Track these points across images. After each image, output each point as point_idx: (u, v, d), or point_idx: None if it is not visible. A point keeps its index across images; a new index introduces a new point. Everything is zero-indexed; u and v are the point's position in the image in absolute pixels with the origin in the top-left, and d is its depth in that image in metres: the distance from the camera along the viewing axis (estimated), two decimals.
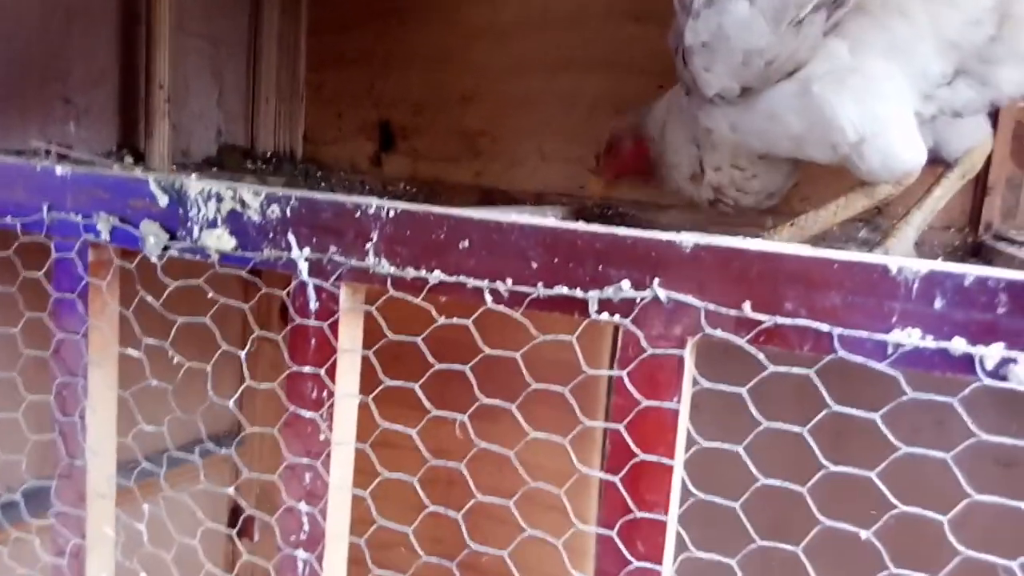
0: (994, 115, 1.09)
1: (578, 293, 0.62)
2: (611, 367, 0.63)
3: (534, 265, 0.63)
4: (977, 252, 1.11)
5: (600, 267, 0.61)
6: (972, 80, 0.88)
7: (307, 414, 0.73)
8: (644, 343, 0.60)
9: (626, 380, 0.61)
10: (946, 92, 0.89)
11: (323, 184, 1.53)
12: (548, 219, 0.65)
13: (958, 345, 0.51)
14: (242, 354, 0.78)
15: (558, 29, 1.38)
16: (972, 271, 0.51)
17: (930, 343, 0.52)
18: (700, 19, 0.96)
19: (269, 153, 1.59)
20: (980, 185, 1.13)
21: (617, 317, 0.61)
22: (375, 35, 1.52)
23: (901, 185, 0.91)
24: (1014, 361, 0.50)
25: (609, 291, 0.61)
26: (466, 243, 0.66)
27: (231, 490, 0.88)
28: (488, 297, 0.65)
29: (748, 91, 0.94)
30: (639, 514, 0.61)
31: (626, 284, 0.60)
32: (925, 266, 0.52)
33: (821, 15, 0.85)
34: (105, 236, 0.80)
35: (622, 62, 1.34)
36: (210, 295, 0.77)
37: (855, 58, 0.88)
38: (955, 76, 0.88)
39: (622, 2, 1.33)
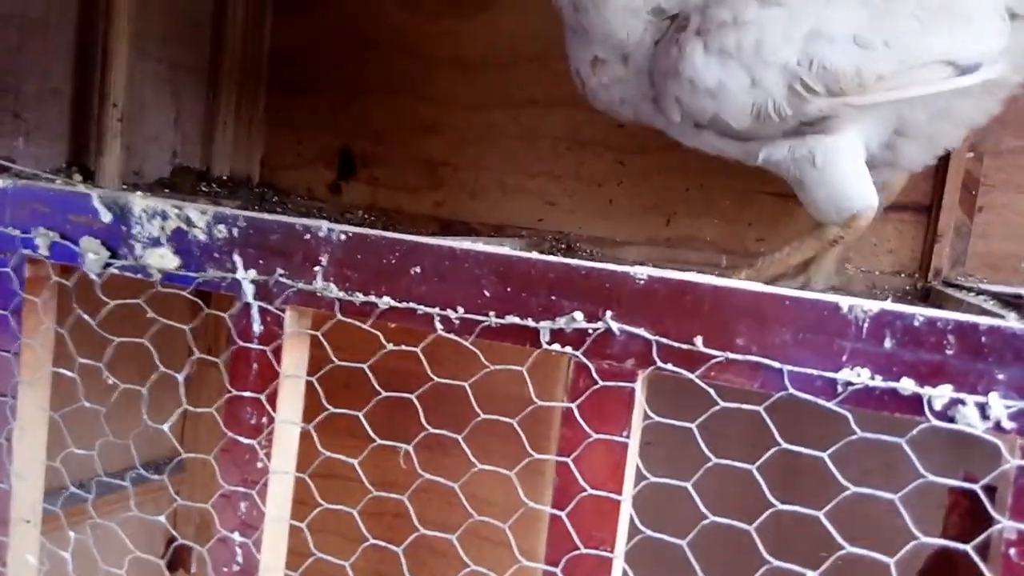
0: (944, 162, 1.11)
1: (530, 323, 0.61)
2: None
3: (486, 293, 0.62)
4: (926, 297, 1.13)
5: (553, 297, 0.60)
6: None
7: (245, 440, 0.71)
8: (595, 375, 0.59)
9: (576, 412, 0.60)
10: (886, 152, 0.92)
11: (279, 209, 1.51)
12: (502, 248, 0.64)
13: (907, 385, 0.51)
14: (180, 377, 0.75)
15: (523, 66, 1.39)
16: (921, 312, 0.51)
17: (879, 383, 0.52)
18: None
19: (225, 176, 1.57)
20: (930, 232, 1.15)
21: (569, 348, 0.60)
22: (338, 63, 1.52)
23: (850, 229, 0.91)
24: (962, 403, 0.50)
25: (561, 322, 0.60)
26: (418, 269, 0.65)
27: (162, 518, 0.84)
28: (438, 325, 0.64)
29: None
30: (585, 551, 0.60)
31: (579, 315, 0.59)
32: (875, 306, 0.52)
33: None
34: (44, 251, 0.78)
35: (585, 101, 1.35)
36: (149, 314, 0.74)
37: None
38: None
39: None
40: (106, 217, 0.75)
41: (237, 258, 0.70)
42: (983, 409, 0.49)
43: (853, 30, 0.82)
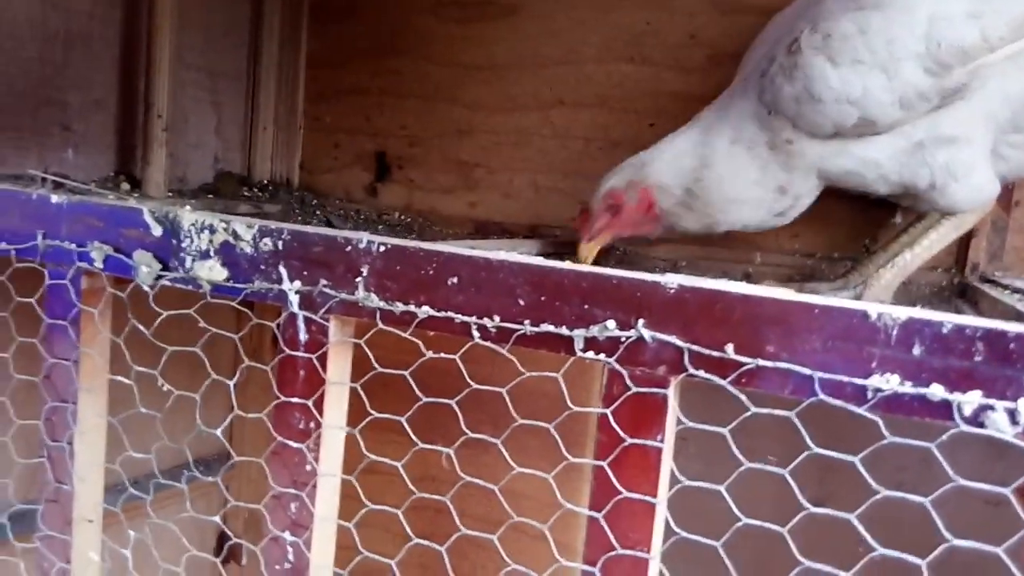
0: None
1: (564, 331, 0.63)
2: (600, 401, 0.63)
3: (521, 302, 0.64)
4: (963, 293, 1.12)
5: (586, 306, 0.62)
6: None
7: (294, 444, 0.74)
8: (628, 382, 0.61)
9: (611, 418, 0.62)
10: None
11: (318, 212, 1.54)
12: (536, 258, 0.66)
13: (936, 391, 0.52)
14: (231, 383, 0.78)
15: (551, 68, 1.41)
16: (950, 319, 0.52)
17: (909, 389, 0.53)
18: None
19: (266, 181, 1.61)
20: None
21: (602, 356, 0.62)
22: (372, 69, 1.55)
23: (972, 215, 0.99)
24: (992, 408, 0.51)
25: (595, 330, 0.62)
26: (455, 279, 0.67)
27: (217, 519, 0.87)
28: (475, 333, 0.66)
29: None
30: (622, 551, 0.62)
31: (611, 323, 0.61)
32: (904, 313, 0.53)
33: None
34: (98, 264, 0.81)
35: (615, 101, 1.36)
36: (201, 324, 0.77)
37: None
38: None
39: (615, 44, 1.35)
40: (157, 231, 0.79)
41: (283, 270, 0.73)
42: (1012, 415, 0.50)
43: (963, 7, 0.89)
